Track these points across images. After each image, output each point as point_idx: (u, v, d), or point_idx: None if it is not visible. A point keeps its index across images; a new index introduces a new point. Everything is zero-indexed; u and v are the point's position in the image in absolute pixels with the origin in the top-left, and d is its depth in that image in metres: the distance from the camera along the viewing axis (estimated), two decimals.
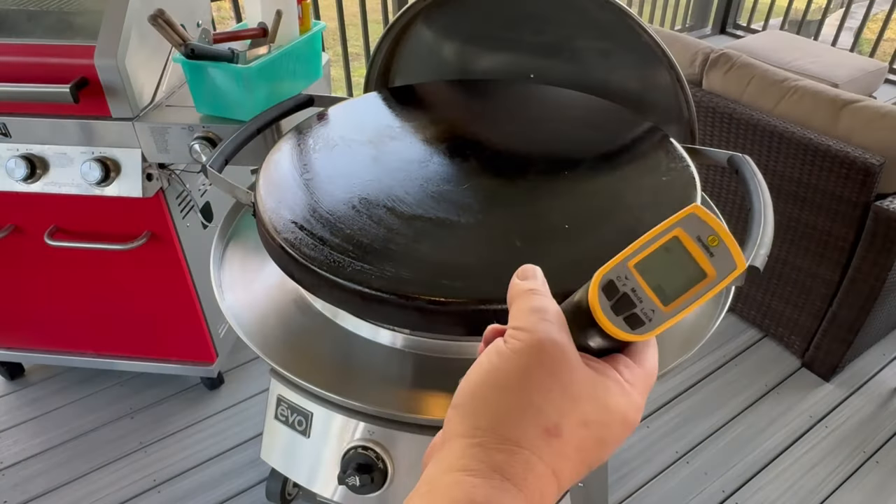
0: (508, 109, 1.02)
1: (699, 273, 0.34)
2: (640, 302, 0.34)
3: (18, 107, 1.25)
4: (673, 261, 0.34)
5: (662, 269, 0.34)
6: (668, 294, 0.34)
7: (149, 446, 1.69)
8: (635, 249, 0.35)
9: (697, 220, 0.34)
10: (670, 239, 0.34)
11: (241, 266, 0.89)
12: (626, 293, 0.34)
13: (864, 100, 1.61)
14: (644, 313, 0.34)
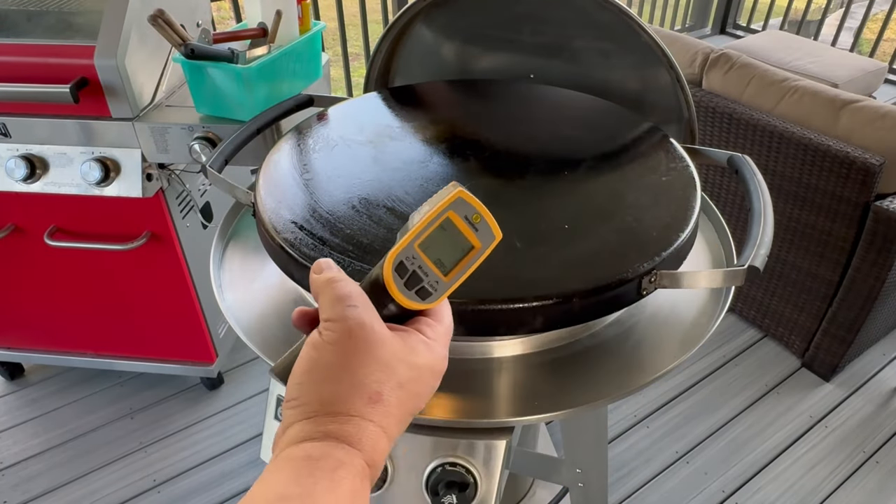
0: (508, 109, 1.02)
1: (468, 245, 0.41)
2: (426, 276, 0.40)
3: (18, 107, 1.25)
4: (448, 238, 0.40)
5: (440, 245, 0.40)
6: (447, 266, 0.40)
7: (149, 446, 1.69)
8: (418, 231, 0.40)
9: (463, 202, 0.40)
10: (445, 220, 0.40)
11: (241, 266, 0.89)
12: (415, 270, 0.40)
13: (864, 100, 1.61)
14: (430, 285, 0.40)
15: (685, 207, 0.76)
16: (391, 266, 0.40)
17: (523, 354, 0.75)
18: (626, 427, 1.77)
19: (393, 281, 0.39)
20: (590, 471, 1.03)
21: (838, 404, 1.83)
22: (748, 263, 0.65)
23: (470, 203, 0.41)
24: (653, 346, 0.76)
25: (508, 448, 0.72)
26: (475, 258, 0.41)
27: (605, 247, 0.70)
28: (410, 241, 0.40)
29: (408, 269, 0.40)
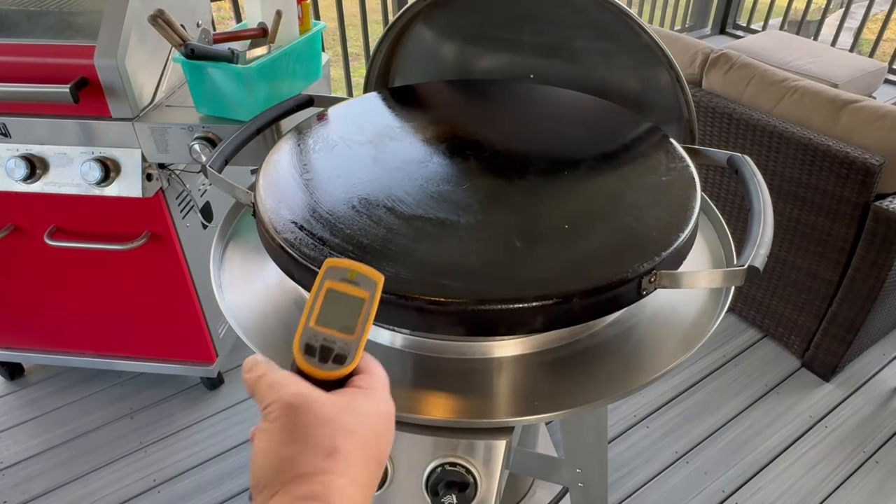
0: (508, 109, 1.02)
1: (358, 300, 0.43)
2: (335, 343, 0.42)
3: (18, 107, 1.25)
4: (338, 304, 0.43)
5: (334, 313, 0.43)
6: (350, 326, 0.42)
7: (149, 446, 1.69)
8: (308, 312, 0.43)
9: (333, 269, 0.44)
10: (326, 291, 0.43)
11: (241, 266, 0.89)
12: (321, 345, 0.42)
13: (864, 100, 1.61)
14: (342, 349, 0.42)
15: (685, 207, 0.76)
16: (299, 351, 0.42)
17: (523, 354, 0.75)
18: (626, 427, 1.77)
19: (306, 362, 0.42)
20: (590, 471, 1.03)
21: (838, 404, 1.83)
22: (748, 263, 0.65)
23: (339, 266, 0.44)
24: (653, 346, 0.76)
25: (508, 448, 0.72)
26: (369, 306, 0.43)
27: (605, 247, 0.70)
28: (304, 324, 0.43)
29: (315, 347, 0.42)
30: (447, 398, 0.70)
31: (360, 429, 0.38)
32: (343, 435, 0.37)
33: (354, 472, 0.37)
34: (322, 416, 0.38)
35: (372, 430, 0.39)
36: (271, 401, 0.39)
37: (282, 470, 0.36)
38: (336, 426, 0.37)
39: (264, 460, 0.37)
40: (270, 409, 0.38)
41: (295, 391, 0.39)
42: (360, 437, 0.38)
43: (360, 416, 0.39)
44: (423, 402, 0.69)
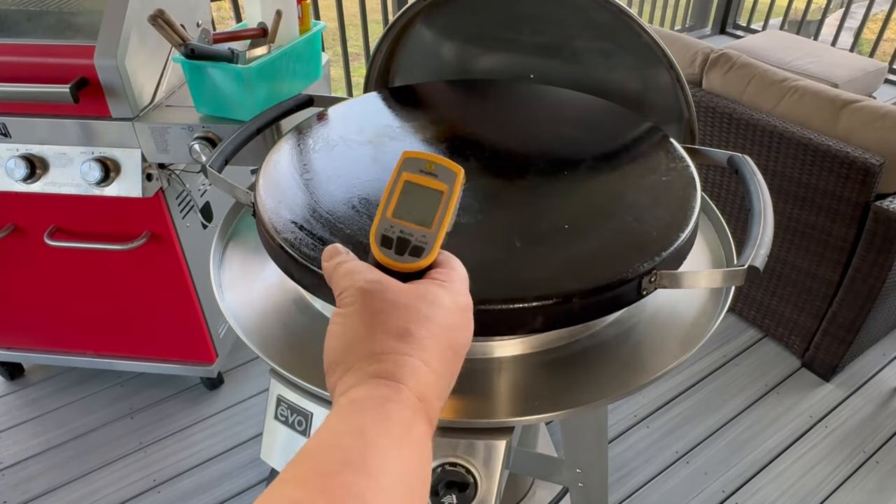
0: (508, 109, 1.02)
1: (436, 192, 0.42)
2: (412, 236, 0.42)
3: (18, 107, 1.25)
4: (415, 195, 0.42)
5: (411, 205, 0.42)
6: (427, 218, 0.42)
7: (149, 446, 1.69)
8: (384, 204, 0.43)
9: (412, 160, 0.43)
10: (403, 183, 0.43)
11: (241, 266, 0.89)
12: (399, 237, 0.42)
13: (864, 100, 1.61)
14: (419, 241, 0.41)
15: (685, 207, 0.76)
16: (375, 242, 0.42)
17: (523, 354, 0.75)
18: (626, 427, 1.77)
19: (383, 254, 0.42)
20: (590, 471, 1.03)
21: (838, 404, 1.83)
22: (748, 263, 0.65)
23: (418, 157, 0.43)
24: (653, 346, 0.76)
25: (508, 448, 0.72)
26: (448, 199, 0.42)
27: (605, 247, 0.70)
28: (381, 214, 0.43)
29: (392, 238, 0.42)
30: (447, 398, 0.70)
31: (434, 317, 0.38)
32: (416, 320, 0.37)
33: (427, 356, 0.36)
34: (395, 302, 0.38)
35: (446, 320, 0.39)
36: (347, 286, 0.39)
37: (354, 349, 0.36)
38: (409, 311, 0.37)
39: (338, 341, 0.38)
40: (345, 295, 0.39)
41: (370, 277, 0.39)
42: (434, 325, 0.38)
43: (435, 305, 0.39)
44: None
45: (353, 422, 0.32)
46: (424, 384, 0.35)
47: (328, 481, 0.28)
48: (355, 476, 0.29)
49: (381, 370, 0.35)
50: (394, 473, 0.30)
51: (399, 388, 0.34)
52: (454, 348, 0.39)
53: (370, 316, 0.37)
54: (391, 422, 0.32)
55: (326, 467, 0.29)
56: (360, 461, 0.30)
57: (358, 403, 0.33)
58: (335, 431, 0.32)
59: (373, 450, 0.30)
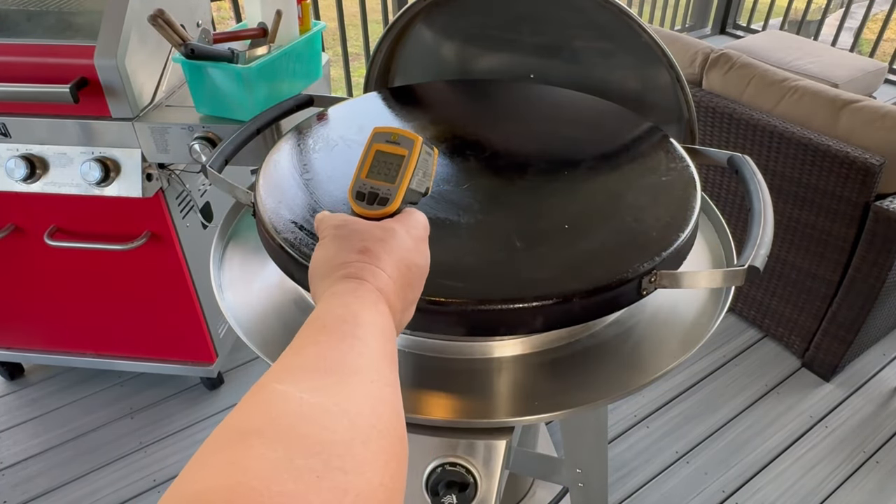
0: (508, 109, 1.02)
1: (398, 157, 0.54)
2: (380, 190, 0.53)
3: (18, 107, 1.25)
4: (383, 160, 0.54)
5: (379, 167, 0.54)
6: (392, 176, 0.53)
7: (149, 446, 1.69)
8: (360, 167, 0.54)
9: (381, 133, 0.55)
10: (375, 152, 0.54)
11: (241, 266, 0.89)
12: (370, 191, 0.53)
13: (864, 100, 1.61)
14: (385, 193, 0.52)
15: (685, 207, 0.76)
16: (351, 197, 0.53)
17: (523, 354, 0.75)
18: (626, 427, 1.77)
19: (357, 205, 0.53)
20: (590, 471, 1.03)
21: (838, 404, 1.83)
22: (748, 263, 0.65)
23: (384, 131, 0.55)
24: (653, 346, 0.76)
25: (508, 448, 0.72)
26: (406, 160, 0.53)
27: (605, 247, 0.70)
28: (357, 176, 0.54)
29: (364, 193, 0.53)
30: (447, 398, 0.70)
31: (388, 239, 0.48)
32: (373, 240, 0.47)
33: (383, 265, 0.46)
34: (357, 229, 0.49)
35: (399, 241, 0.48)
36: (325, 226, 0.51)
37: (328, 263, 0.47)
38: (367, 234, 0.48)
39: (317, 261, 0.48)
40: (323, 232, 0.50)
41: (342, 217, 0.51)
42: (389, 245, 0.47)
43: (389, 231, 0.49)
44: (423, 402, 0.69)
45: (337, 301, 0.43)
46: (382, 282, 0.45)
47: (330, 331, 0.39)
48: (348, 325, 0.40)
49: (348, 273, 0.45)
50: (375, 325, 0.41)
51: (363, 282, 0.44)
52: (408, 265, 0.48)
53: (339, 240, 0.48)
54: (363, 299, 0.43)
55: (326, 323, 0.40)
56: (351, 317, 0.41)
57: (337, 293, 0.43)
58: (326, 309, 0.42)
59: (357, 311, 0.41)
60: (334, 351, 0.38)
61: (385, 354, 0.40)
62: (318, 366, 0.36)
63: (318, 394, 0.33)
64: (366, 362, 0.38)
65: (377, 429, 0.33)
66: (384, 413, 0.35)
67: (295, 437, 0.29)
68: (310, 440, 0.29)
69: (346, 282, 0.44)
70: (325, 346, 0.38)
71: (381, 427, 0.33)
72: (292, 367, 0.37)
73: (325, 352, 0.38)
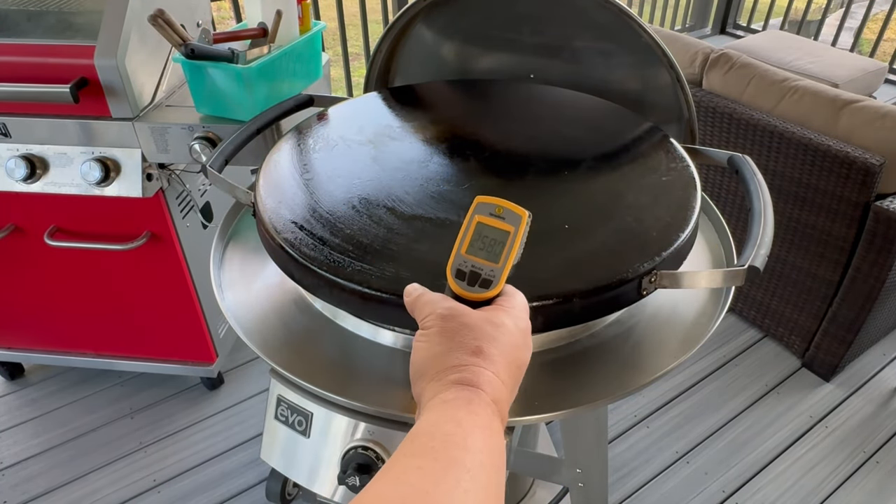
0: (508, 109, 1.02)
1: (504, 232, 0.50)
2: (482, 270, 0.49)
3: (18, 107, 1.25)
4: (486, 235, 0.50)
5: (482, 243, 0.50)
6: (496, 255, 0.49)
7: (149, 446, 1.69)
8: (460, 242, 0.50)
9: (485, 205, 0.51)
10: (476, 224, 0.51)
11: (241, 266, 0.89)
12: (471, 271, 0.49)
13: (864, 100, 1.61)
14: (488, 275, 0.49)
15: (685, 207, 0.76)
16: (451, 275, 0.50)
17: None
18: (626, 427, 1.77)
19: (457, 285, 0.49)
20: (590, 471, 1.03)
21: (838, 404, 1.83)
22: (748, 263, 0.65)
23: (489, 202, 0.51)
24: (653, 346, 0.76)
25: (508, 448, 0.72)
26: (513, 238, 0.50)
27: (605, 247, 0.70)
28: (457, 252, 0.50)
29: (465, 272, 0.49)
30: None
31: (500, 336, 0.45)
32: (486, 339, 0.45)
33: (497, 369, 0.43)
34: (468, 324, 0.45)
35: (510, 338, 0.46)
36: (428, 313, 0.47)
37: (436, 362, 0.44)
38: (480, 332, 0.45)
39: (422, 356, 0.45)
40: (427, 320, 0.47)
41: (447, 305, 0.48)
42: (501, 343, 0.45)
43: (501, 327, 0.46)
44: None
45: (449, 415, 0.40)
46: (497, 391, 0.42)
47: (438, 454, 0.37)
48: (458, 451, 0.37)
49: (462, 378, 0.42)
50: (485, 451, 0.38)
51: (479, 392, 0.41)
52: (517, 363, 0.46)
53: (448, 335, 0.45)
54: (478, 415, 0.40)
55: (434, 444, 0.37)
56: (461, 441, 0.38)
57: (449, 402, 0.40)
58: (435, 422, 0.39)
59: (468, 432, 0.38)
60: (438, 485, 0.34)
61: (492, 491, 0.37)
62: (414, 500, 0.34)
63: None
64: (470, 502, 0.35)
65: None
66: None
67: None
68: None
69: (460, 389, 0.41)
70: (428, 476, 0.35)
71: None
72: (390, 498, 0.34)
73: (426, 484, 0.34)
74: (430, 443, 0.37)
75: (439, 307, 0.47)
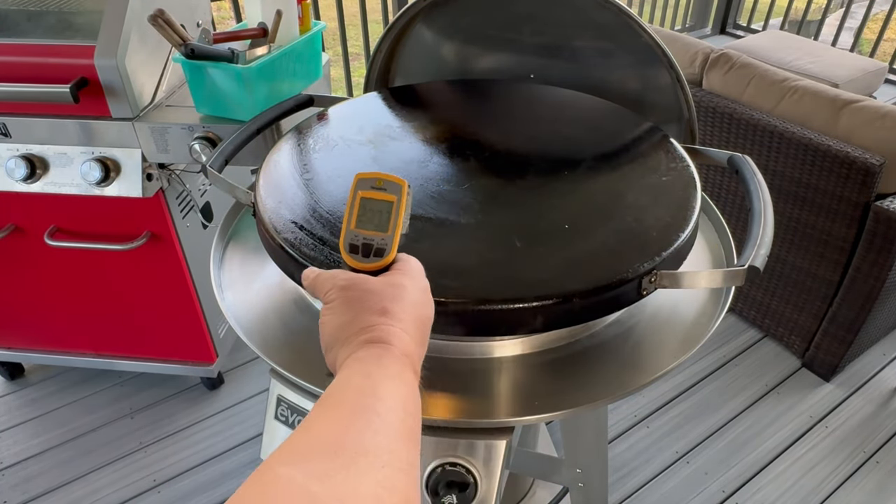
0: (508, 109, 1.02)
1: (387, 203, 0.51)
2: (374, 241, 0.50)
3: (18, 107, 1.25)
4: (371, 208, 0.51)
5: (369, 216, 0.51)
6: (383, 225, 0.51)
7: (149, 446, 1.69)
8: (347, 218, 0.51)
9: (364, 179, 0.52)
10: (360, 199, 0.51)
11: (241, 266, 0.89)
12: (363, 243, 0.50)
13: (864, 100, 1.61)
14: (380, 244, 0.50)
15: (685, 207, 0.76)
16: (344, 251, 0.51)
17: (523, 354, 0.75)
18: (626, 427, 1.77)
19: (352, 259, 0.50)
20: (590, 471, 1.03)
21: (838, 404, 1.83)
22: (748, 263, 0.65)
23: (368, 177, 0.52)
24: (653, 346, 0.76)
25: (508, 448, 0.72)
26: (397, 206, 0.51)
27: (606, 247, 0.70)
28: (346, 227, 0.51)
29: (358, 245, 0.50)
30: (447, 398, 0.70)
31: (403, 296, 0.47)
32: (390, 300, 0.46)
33: (405, 326, 0.45)
34: (370, 289, 0.47)
35: (412, 296, 0.48)
36: (329, 288, 0.48)
37: (346, 328, 0.45)
38: (383, 294, 0.46)
39: (330, 328, 0.46)
40: (329, 294, 0.48)
41: (346, 276, 0.49)
42: (405, 302, 0.47)
43: (401, 287, 0.48)
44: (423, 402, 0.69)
45: (359, 370, 0.41)
46: (406, 345, 0.44)
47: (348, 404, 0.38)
48: (368, 399, 0.39)
49: (372, 337, 0.43)
50: (396, 398, 0.40)
51: (389, 347, 0.43)
52: (421, 319, 0.48)
53: (352, 303, 0.46)
54: (388, 368, 0.41)
55: (345, 396, 0.39)
56: (371, 390, 0.39)
57: (360, 360, 0.42)
58: (347, 377, 0.41)
59: (378, 382, 0.40)
60: (347, 429, 0.36)
61: (404, 432, 0.38)
62: (327, 446, 0.35)
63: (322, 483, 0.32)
64: (381, 441, 0.36)
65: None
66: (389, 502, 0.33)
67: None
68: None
69: (370, 347, 0.43)
70: (338, 422, 0.37)
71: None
72: (300, 448, 0.35)
73: (337, 430, 0.36)
74: (341, 395, 0.39)
75: (339, 280, 0.49)
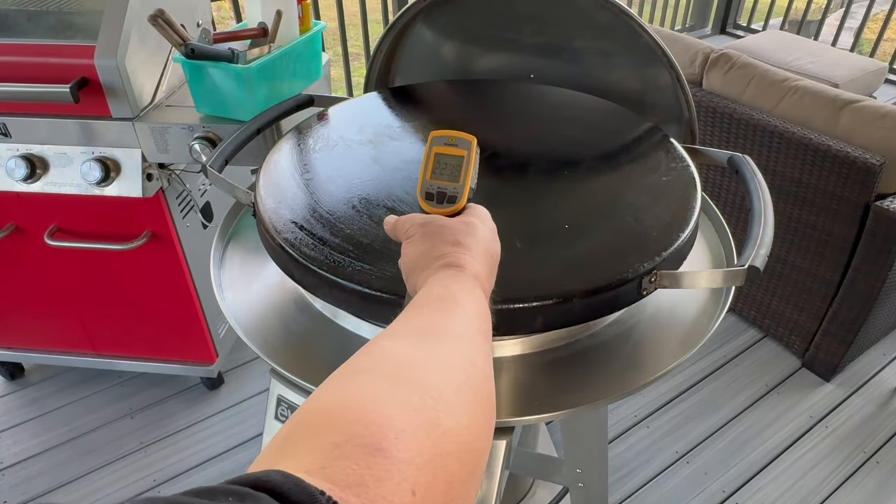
0: (508, 109, 1.02)
1: (458, 157, 0.58)
2: (447, 190, 0.57)
3: (18, 107, 1.25)
4: (445, 161, 0.58)
5: (442, 168, 0.58)
6: (456, 176, 0.58)
7: (149, 446, 1.69)
8: (424, 170, 0.58)
9: (439, 137, 0.59)
10: (434, 154, 0.58)
11: (241, 266, 0.89)
12: (437, 191, 0.57)
13: (864, 100, 1.61)
14: (453, 192, 0.57)
15: (685, 207, 0.76)
16: (421, 199, 0.58)
17: (523, 354, 0.75)
18: (626, 427, 1.77)
19: (428, 205, 0.57)
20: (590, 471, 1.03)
21: (838, 404, 1.83)
22: (748, 263, 0.65)
23: (442, 135, 0.59)
24: (653, 346, 0.76)
25: (508, 448, 0.72)
26: (468, 159, 0.58)
27: (606, 247, 0.70)
28: (423, 179, 0.58)
29: (433, 194, 0.57)
30: None
31: (473, 232, 0.53)
32: (462, 234, 0.52)
33: (474, 254, 0.51)
34: (445, 225, 0.53)
35: (482, 233, 0.54)
36: (409, 226, 0.55)
37: (424, 257, 0.51)
38: (456, 229, 0.53)
39: (411, 256, 0.53)
40: (409, 231, 0.54)
41: (424, 216, 0.56)
42: (475, 237, 0.53)
43: (472, 225, 0.54)
44: None
45: (438, 284, 0.47)
46: (477, 270, 0.50)
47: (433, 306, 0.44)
48: (449, 303, 0.45)
49: (447, 262, 0.49)
50: (472, 304, 0.46)
51: (462, 269, 0.49)
52: (490, 252, 0.54)
53: (430, 236, 0.53)
54: (463, 284, 0.47)
55: (429, 300, 0.45)
56: (450, 297, 0.45)
57: (438, 279, 0.48)
58: (428, 290, 0.47)
59: (456, 292, 0.46)
60: (435, 319, 0.43)
61: (480, 329, 0.44)
62: (420, 330, 0.42)
63: (419, 350, 0.38)
64: (462, 331, 0.42)
65: (467, 384, 0.37)
66: (474, 373, 0.39)
67: (398, 378, 0.35)
68: (409, 382, 0.35)
69: (446, 269, 0.49)
70: (427, 316, 0.43)
71: (470, 383, 0.38)
72: (398, 330, 0.42)
73: (427, 320, 0.43)
74: (426, 300, 0.45)
75: (418, 219, 0.55)
